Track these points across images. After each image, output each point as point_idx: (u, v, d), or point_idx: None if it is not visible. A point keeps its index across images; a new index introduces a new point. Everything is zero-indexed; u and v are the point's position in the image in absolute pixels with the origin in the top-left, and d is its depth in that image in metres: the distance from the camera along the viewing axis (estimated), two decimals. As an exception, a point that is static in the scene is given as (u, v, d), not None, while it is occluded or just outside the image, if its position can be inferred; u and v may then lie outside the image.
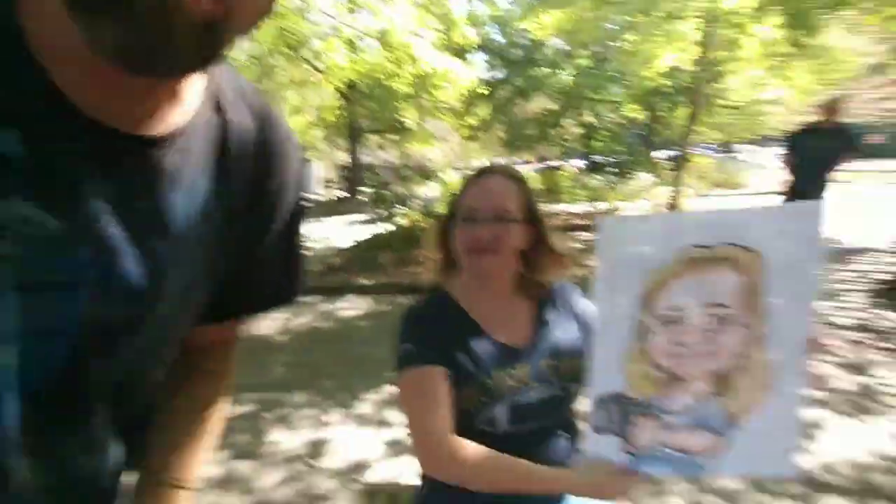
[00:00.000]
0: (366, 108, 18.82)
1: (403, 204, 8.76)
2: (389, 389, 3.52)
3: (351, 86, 15.39)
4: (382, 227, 8.59)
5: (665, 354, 0.81)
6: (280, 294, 0.74)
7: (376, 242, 8.10)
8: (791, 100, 15.33)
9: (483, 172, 1.19)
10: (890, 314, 4.08)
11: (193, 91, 0.53)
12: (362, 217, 13.63)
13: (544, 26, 10.27)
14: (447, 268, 1.23)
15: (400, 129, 20.90)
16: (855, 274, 5.12)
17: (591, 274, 0.84)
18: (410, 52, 9.63)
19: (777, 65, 11.63)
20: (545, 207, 1.23)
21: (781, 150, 5.46)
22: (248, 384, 3.64)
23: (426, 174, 13.76)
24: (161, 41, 0.38)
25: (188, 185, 0.53)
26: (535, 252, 1.18)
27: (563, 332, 1.16)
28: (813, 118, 5.26)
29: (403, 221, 8.02)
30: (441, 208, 8.16)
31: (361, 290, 6.23)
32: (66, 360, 0.48)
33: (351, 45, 11.39)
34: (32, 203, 0.42)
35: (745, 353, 0.78)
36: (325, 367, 3.99)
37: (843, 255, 5.65)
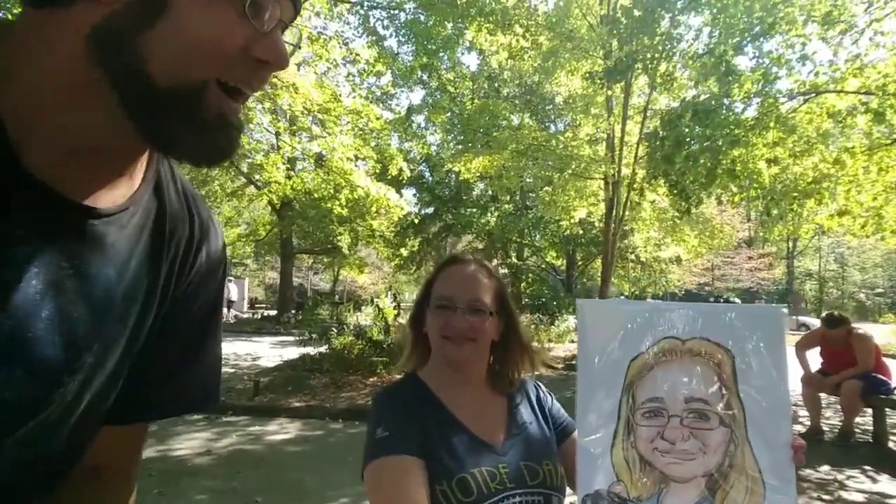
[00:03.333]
0: (299, 227, 19.10)
1: (336, 328, 8.67)
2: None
3: (286, 203, 15.79)
4: (313, 349, 8.34)
5: (651, 450, 0.76)
6: (193, 397, 0.69)
7: (306, 364, 7.78)
8: (685, 260, 17.30)
9: (456, 260, 1.16)
10: (823, 466, 4.10)
11: (138, 172, 0.56)
12: (289, 338, 13.13)
13: (470, 170, 11.41)
14: (419, 353, 1.16)
15: (332, 251, 21.13)
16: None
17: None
18: (349, 177, 10.26)
19: (669, 228, 13.39)
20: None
21: None
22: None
23: (357, 302, 13.70)
24: (223, 144, 0.49)
25: (121, 261, 0.54)
26: (506, 344, 1.14)
27: (537, 431, 1.09)
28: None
29: (336, 344, 7.89)
30: (375, 333, 8.11)
31: (292, 413, 5.85)
32: None
33: (291, 163, 11.97)
34: None
35: (732, 455, 0.74)
36: (254, 495, 3.49)
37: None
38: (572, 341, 12.82)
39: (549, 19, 10.18)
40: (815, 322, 14.92)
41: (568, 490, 1.00)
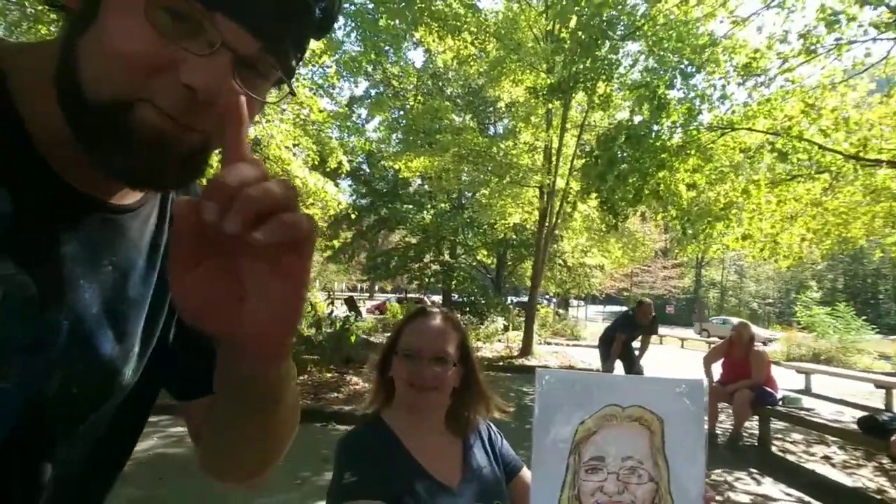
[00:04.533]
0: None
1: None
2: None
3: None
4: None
5: (592, 501, 0.88)
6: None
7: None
8: (608, 267, 18.37)
9: (423, 313, 1.25)
10: (717, 469, 4.53)
11: None
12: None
13: (411, 168, 11.45)
14: (383, 396, 1.25)
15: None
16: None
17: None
18: (287, 166, 9.96)
19: (597, 238, 14.19)
20: None
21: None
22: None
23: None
24: (155, 167, 0.45)
25: (145, 253, 0.56)
26: (465, 391, 1.23)
27: (489, 472, 1.19)
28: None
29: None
30: (305, 328, 7.88)
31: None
32: (23, 422, 0.47)
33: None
34: (10, 260, 0.44)
35: None
36: (182, 504, 3.26)
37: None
38: (500, 341, 13.24)
39: (498, 29, 10.39)
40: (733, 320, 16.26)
41: None
